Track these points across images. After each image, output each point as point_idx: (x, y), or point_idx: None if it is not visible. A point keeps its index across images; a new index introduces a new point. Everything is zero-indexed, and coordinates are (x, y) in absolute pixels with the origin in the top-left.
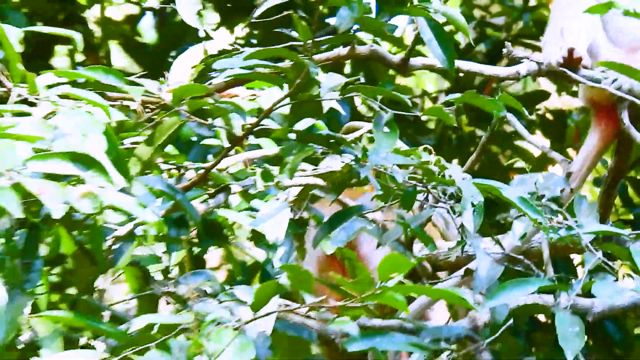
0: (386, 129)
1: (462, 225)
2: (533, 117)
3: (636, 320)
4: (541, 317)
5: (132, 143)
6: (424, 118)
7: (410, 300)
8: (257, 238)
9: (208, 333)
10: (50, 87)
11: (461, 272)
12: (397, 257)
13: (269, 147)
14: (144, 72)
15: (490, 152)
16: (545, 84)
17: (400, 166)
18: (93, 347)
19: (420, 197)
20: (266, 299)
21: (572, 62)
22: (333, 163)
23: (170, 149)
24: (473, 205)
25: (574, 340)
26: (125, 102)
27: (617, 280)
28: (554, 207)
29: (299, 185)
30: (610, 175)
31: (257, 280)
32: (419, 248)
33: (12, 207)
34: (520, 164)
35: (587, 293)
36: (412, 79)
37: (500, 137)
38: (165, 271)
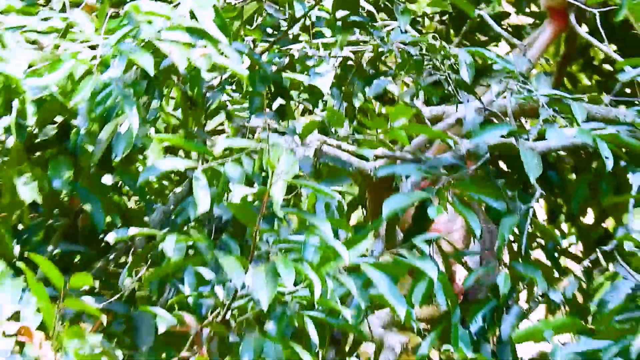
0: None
1: (456, 87)
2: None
3: (571, 168)
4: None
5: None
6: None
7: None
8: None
9: (268, 152)
10: None
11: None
12: (402, 107)
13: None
14: None
15: None
16: (506, 7)
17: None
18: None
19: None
20: (309, 130)
21: None
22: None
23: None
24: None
25: (535, 168)
26: None
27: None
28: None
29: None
30: (561, 60)
31: None
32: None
33: (149, 66)
34: None
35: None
36: None
37: (478, 44)
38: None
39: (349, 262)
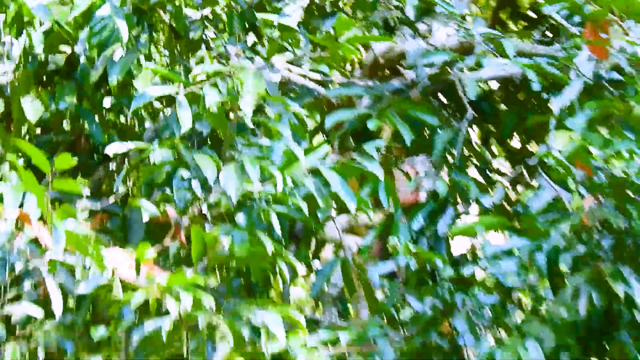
0: None
1: (401, 24)
2: None
3: (501, 100)
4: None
5: None
6: None
7: None
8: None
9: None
10: None
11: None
12: (343, 18)
13: None
14: None
15: None
16: None
17: None
18: None
19: None
20: (274, 52)
21: None
22: None
23: None
24: None
25: (473, 87)
26: None
27: None
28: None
29: None
30: (495, 8)
31: None
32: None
33: None
34: None
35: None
36: None
37: None
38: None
39: (307, 164)
